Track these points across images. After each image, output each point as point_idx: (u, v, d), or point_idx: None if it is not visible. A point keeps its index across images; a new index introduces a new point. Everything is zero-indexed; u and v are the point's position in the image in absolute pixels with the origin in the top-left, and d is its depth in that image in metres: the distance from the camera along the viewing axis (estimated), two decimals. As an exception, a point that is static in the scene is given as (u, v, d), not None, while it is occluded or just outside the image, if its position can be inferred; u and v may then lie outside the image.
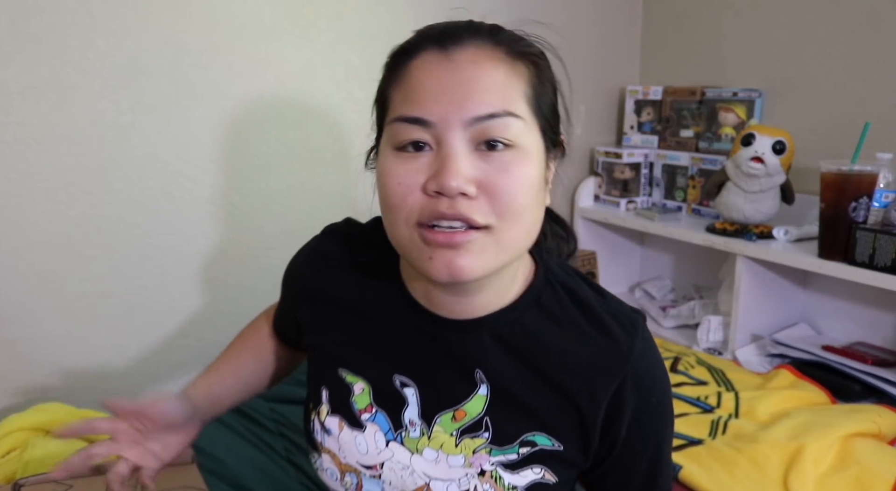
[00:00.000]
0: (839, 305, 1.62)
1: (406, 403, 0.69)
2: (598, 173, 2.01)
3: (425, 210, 0.58)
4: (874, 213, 1.35)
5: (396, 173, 0.60)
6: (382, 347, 0.71)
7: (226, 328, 1.54)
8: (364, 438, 0.71)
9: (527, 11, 1.79)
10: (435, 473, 0.68)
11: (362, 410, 0.71)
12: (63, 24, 1.25)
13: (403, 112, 0.59)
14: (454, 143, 0.57)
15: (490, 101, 0.58)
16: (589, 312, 0.67)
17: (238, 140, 1.47)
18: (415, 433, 0.69)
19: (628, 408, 0.66)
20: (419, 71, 0.60)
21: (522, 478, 0.67)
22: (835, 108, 1.61)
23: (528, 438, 0.67)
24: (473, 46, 0.60)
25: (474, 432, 0.67)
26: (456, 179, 0.56)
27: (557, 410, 0.66)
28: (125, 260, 1.39)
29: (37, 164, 1.27)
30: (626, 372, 0.65)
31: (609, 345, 0.66)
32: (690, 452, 1.20)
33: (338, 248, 0.78)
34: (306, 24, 1.50)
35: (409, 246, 0.61)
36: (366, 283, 0.73)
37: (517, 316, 0.67)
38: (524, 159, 0.60)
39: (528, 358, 0.66)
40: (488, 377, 0.67)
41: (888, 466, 1.12)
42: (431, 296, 0.67)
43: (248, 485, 1.15)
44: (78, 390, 1.38)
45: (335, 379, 0.73)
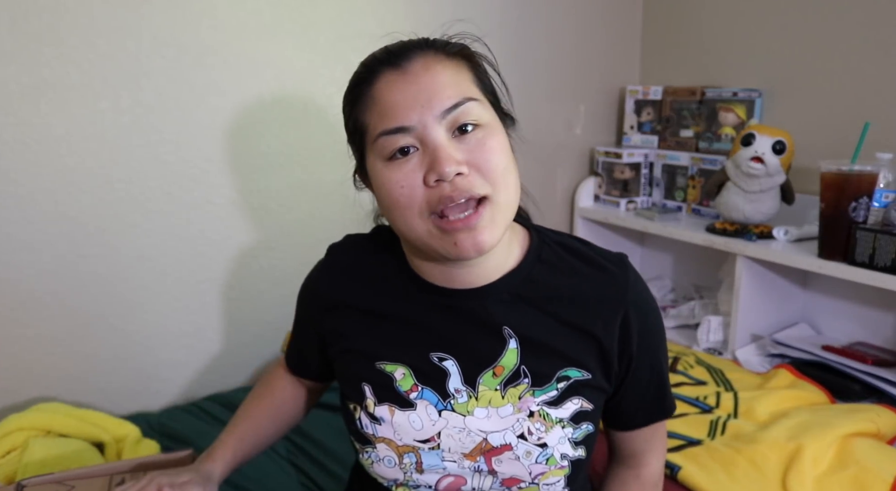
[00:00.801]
0: (839, 305, 1.62)
1: (448, 375, 0.76)
2: (598, 173, 2.01)
3: (433, 200, 0.67)
4: (874, 213, 1.35)
5: (396, 178, 0.68)
6: (411, 333, 0.78)
7: (226, 328, 1.55)
8: (417, 415, 0.76)
9: (526, 12, 1.79)
10: (489, 426, 0.75)
11: (408, 391, 0.77)
12: (63, 24, 1.25)
13: (384, 127, 0.68)
14: (436, 137, 0.67)
15: (451, 94, 0.69)
16: (583, 258, 0.79)
17: (238, 140, 1.47)
18: (462, 399, 0.76)
19: (634, 329, 0.77)
20: (385, 91, 0.70)
21: (565, 410, 0.76)
22: (835, 108, 1.61)
23: (561, 374, 0.76)
24: (419, 57, 0.71)
25: (515, 381, 0.75)
26: (449, 165, 0.66)
27: (580, 344, 0.76)
28: (125, 260, 1.39)
29: (37, 164, 1.27)
30: (627, 299, 0.77)
31: (608, 280, 0.77)
32: (689, 452, 1.20)
33: (346, 258, 0.85)
34: (306, 24, 1.50)
35: (428, 237, 0.69)
36: (380, 282, 0.81)
37: (526, 273, 0.77)
38: (492, 133, 0.70)
39: (544, 306, 0.76)
40: (515, 331, 0.75)
41: (887, 465, 1.11)
42: (446, 274, 0.76)
43: (249, 486, 1.15)
44: (78, 390, 1.39)
45: (374, 372, 0.78)
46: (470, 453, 0.76)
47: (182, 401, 1.51)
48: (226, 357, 1.56)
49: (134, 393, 1.46)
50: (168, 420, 1.38)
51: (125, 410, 1.43)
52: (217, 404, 1.45)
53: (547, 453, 0.75)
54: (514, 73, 0.77)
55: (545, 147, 1.96)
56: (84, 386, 1.39)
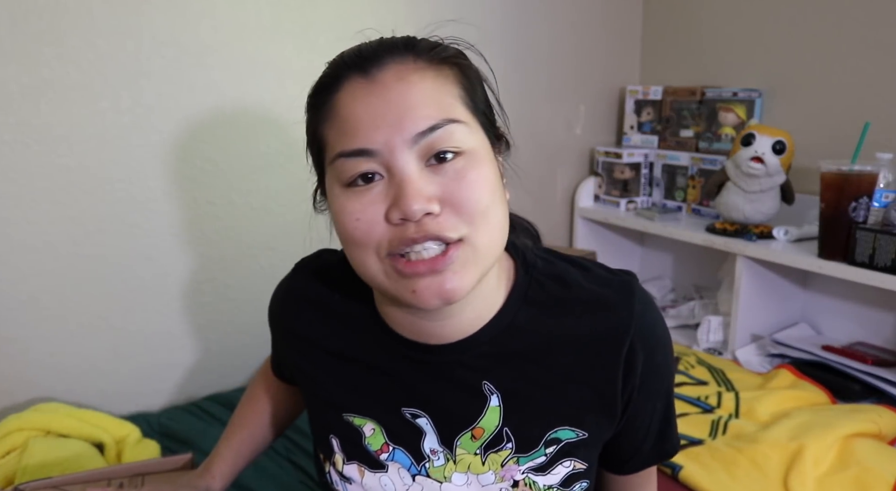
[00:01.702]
0: (839, 305, 1.62)
1: (423, 434, 0.67)
2: (598, 173, 2.01)
3: (394, 240, 0.56)
4: (874, 213, 1.35)
5: (353, 210, 0.57)
6: (381, 384, 0.68)
7: (226, 328, 1.55)
8: (389, 478, 0.68)
9: (526, 12, 1.79)
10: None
11: (378, 450, 0.69)
12: (63, 24, 1.25)
13: (343, 147, 0.57)
14: (404, 166, 0.56)
15: (428, 114, 0.56)
16: (580, 293, 0.65)
17: (238, 140, 1.47)
18: (439, 462, 0.67)
19: (638, 369, 0.65)
20: (347, 102, 0.58)
21: (555, 476, 0.66)
22: (835, 108, 1.61)
23: (551, 436, 0.65)
24: (394, 64, 0.58)
25: (497, 446, 0.65)
26: (417, 202, 0.54)
27: (574, 399, 0.65)
28: (125, 260, 1.39)
29: (37, 164, 1.27)
30: (632, 338, 0.64)
31: (609, 316, 0.64)
32: (691, 452, 1.20)
33: (313, 287, 0.74)
34: (306, 24, 1.50)
35: (384, 280, 0.59)
36: (346, 323, 0.71)
37: (509, 320, 0.65)
38: (475, 162, 0.58)
39: (532, 357, 0.65)
40: (497, 387, 0.65)
41: (888, 466, 1.12)
42: (417, 327, 0.65)
43: (249, 485, 1.15)
44: (78, 390, 1.38)
45: (342, 425, 0.70)
46: None
47: (182, 401, 1.51)
48: (226, 357, 1.56)
49: (134, 393, 1.45)
50: (168, 420, 1.38)
51: (125, 411, 1.43)
52: (217, 404, 1.44)
53: None
54: (514, 74, 0.71)
55: (545, 147, 1.96)
56: (84, 386, 1.39)
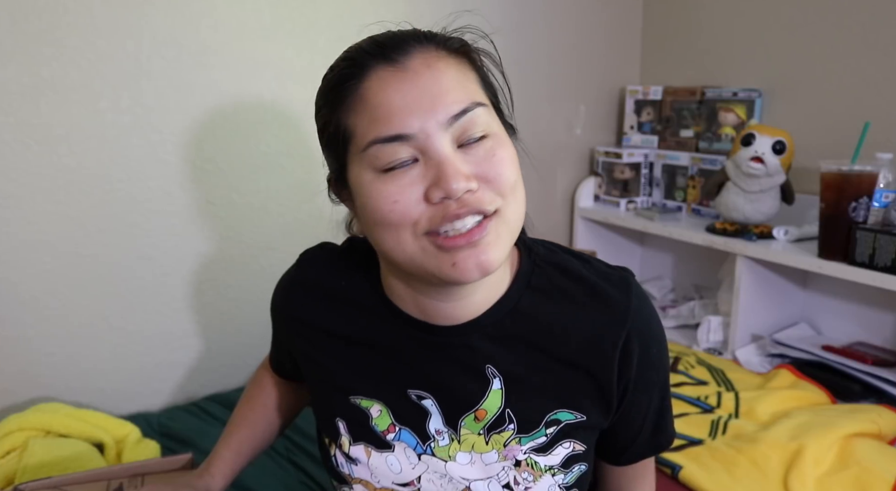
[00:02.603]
0: (839, 305, 1.62)
1: (428, 415, 0.70)
2: (598, 173, 2.01)
3: (434, 218, 0.59)
4: (874, 213, 1.35)
5: (390, 194, 0.59)
6: (388, 366, 0.71)
7: (226, 328, 1.55)
8: (395, 458, 0.71)
9: (526, 12, 1.79)
10: (472, 474, 0.70)
11: (385, 431, 0.71)
12: (63, 24, 1.25)
13: (378, 134, 0.59)
14: (440, 148, 0.59)
15: (457, 98, 0.60)
16: (580, 282, 0.69)
17: (238, 140, 1.47)
18: (444, 442, 0.70)
19: (634, 361, 0.68)
20: (378, 90, 0.60)
21: (556, 456, 0.69)
22: (835, 108, 1.61)
23: (551, 417, 0.68)
24: (419, 52, 0.61)
25: (500, 427, 0.68)
26: (458, 181, 0.57)
27: (573, 383, 0.68)
28: (125, 260, 1.39)
29: (37, 164, 1.27)
30: (628, 331, 0.67)
31: (607, 308, 0.68)
32: (690, 452, 1.20)
33: (318, 275, 0.76)
34: (306, 24, 1.50)
35: (421, 258, 0.61)
36: (354, 307, 0.73)
37: (513, 304, 0.68)
38: (501, 143, 0.62)
39: (533, 341, 0.68)
40: (499, 370, 0.68)
41: (888, 466, 1.12)
42: (425, 307, 0.68)
43: (249, 485, 1.15)
44: (78, 390, 1.38)
45: (349, 408, 0.72)
46: None
47: (182, 401, 1.51)
48: (226, 357, 1.56)
49: (134, 393, 1.45)
50: (168, 420, 1.38)
51: (125, 410, 1.43)
52: (217, 404, 1.44)
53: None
54: (514, 74, 0.73)
55: (545, 147, 1.96)
56: (84, 386, 1.39)
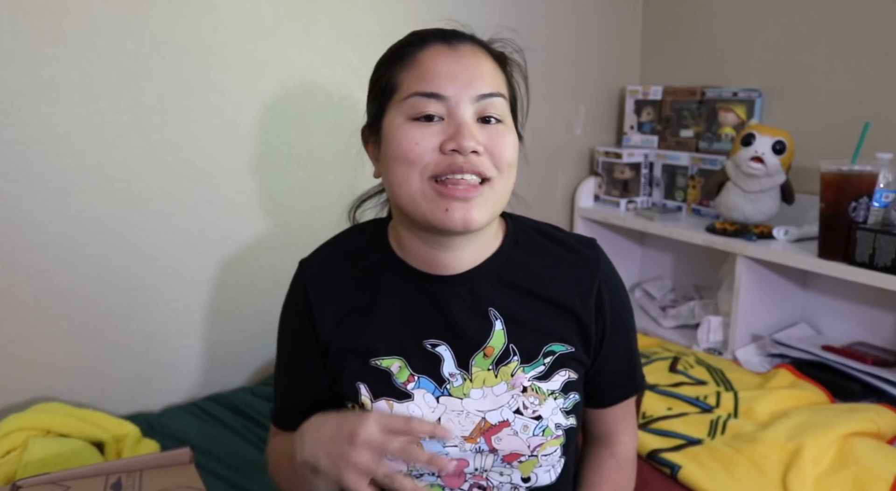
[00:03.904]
0: (839, 305, 1.62)
1: (442, 360, 0.80)
2: (598, 173, 2.01)
3: (441, 165, 0.72)
4: (874, 213, 1.35)
5: (414, 136, 0.73)
6: (404, 323, 0.81)
7: (226, 328, 1.55)
8: (416, 405, 0.79)
9: (526, 12, 1.79)
10: (486, 406, 0.79)
11: (405, 382, 0.80)
12: (63, 24, 1.25)
13: (420, 88, 0.73)
14: (464, 113, 0.73)
15: (489, 83, 0.75)
16: (556, 241, 0.85)
17: (238, 140, 1.47)
18: (458, 382, 0.79)
19: (607, 305, 0.83)
20: (431, 58, 0.75)
21: (555, 382, 0.81)
22: (835, 108, 1.61)
23: (547, 349, 0.80)
24: (469, 44, 0.77)
25: (506, 360, 0.80)
26: (470, 141, 0.71)
27: (560, 320, 0.81)
28: (125, 260, 1.39)
29: (37, 164, 1.27)
30: (599, 278, 0.83)
31: (580, 261, 0.83)
32: (689, 452, 1.20)
33: (325, 266, 0.86)
34: (306, 24, 1.50)
35: (420, 197, 0.73)
36: (366, 278, 0.83)
37: (506, 256, 0.82)
38: (509, 130, 0.77)
39: (525, 287, 0.81)
40: (500, 312, 0.80)
41: (887, 465, 1.12)
42: (430, 259, 0.80)
43: (248, 485, 1.15)
44: (78, 390, 1.38)
45: (369, 370, 0.80)
46: (470, 435, 0.79)
47: (182, 401, 1.51)
48: (226, 357, 1.56)
49: (134, 393, 1.45)
50: (168, 420, 1.38)
51: (125, 410, 1.43)
52: (217, 404, 1.44)
53: (542, 425, 0.79)
54: None
55: (545, 147, 1.96)
56: (84, 386, 1.39)
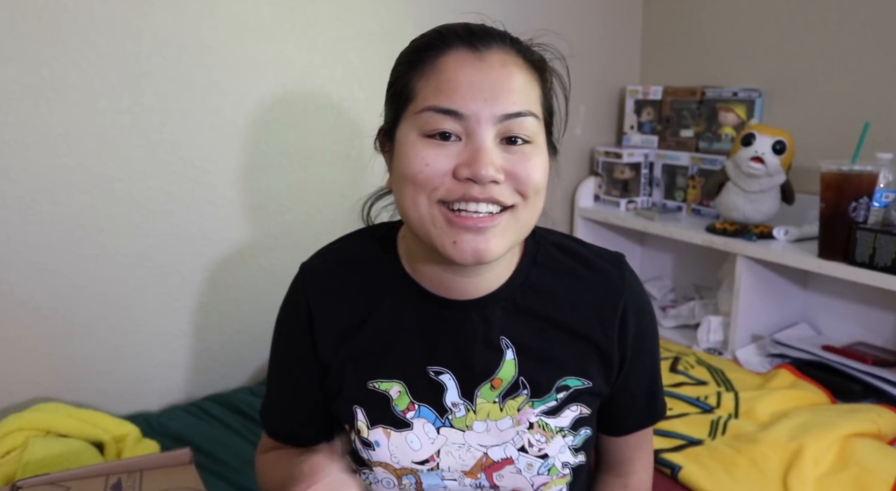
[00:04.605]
0: (839, 304, 1.62)
1: (445, 389, 0.73)
2: (598, 173, 2.01)
3: (454, 192, 0.63)
4: (874, 213, 1.35)
5: (425, 156, 0.64)
6: (407, 345, 0.74)
7: (226, 328, 1.55)
8: (415, 435, 0.73)
9: (527, 10, 1.79)
10: (488, 440, 0.73)
11: (405, 410, 0.73)
12: (63, 24, 1.25)
13: (436, 103, 0.64)
14: (484, 137, 0.63)
15: (516, 101, 0.64)
16: (580, 259, 0.76)
17: (238, 140, 1.47)
18: (461, 413, 0.73)
19: (631, 329, 0.75)
20: (452, 66, 0.64)
21: (564, 418, 0.74)
22: (835, 108, 1.61)
23: (561, 383, 0.73)
24: (500, 50, 0.66)
25: (514, 393, 0.73)
26: (488, 169, 0.62)
27: (579, 351, 0.74)
28: (125, 260, 1.39)
29: (37, 164, 1.27)
30: (625, 301, 0.74)
31: (605, 282, 0.75)
32: (690, 452, 1.20)
33: (328, 276, 0.77)
34: (306, 24, 1.50)
35: (427, 223, 0.65)
36: (370, 292, 0.75)
37: (523, 278, 0.74)
38: (539, 151, 0.67)
39: (541, 313, 0.74)
40: (513, 341, 0.73)
41: (888, 466, 1.12)
42: (442, 281, 0.72)
43: (248, 485, 1.15)
44: (78, 390, 1.38)
45: (367, 394, 0.74)
46: (470, 471, 0.74)
47: (182, 401, 1.51)
48: (226, 357, 1.56)
49: (134, 393, 1.45)
50: (168, 420, 1.38)
51: (125, 410, 1.43)
52: (217, 404, 1.44)
53: (548, 464, 0.74)
54: None
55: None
56: (84, 386, 1.39)
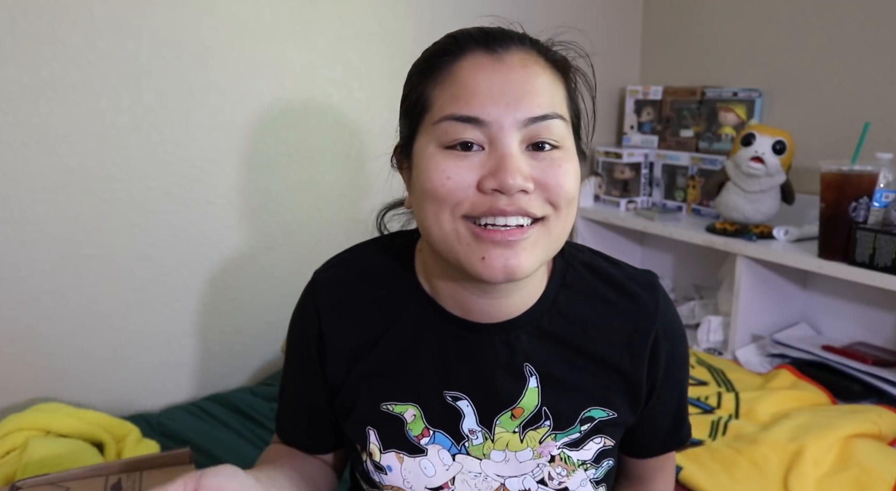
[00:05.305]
0: (839, 304, 1.61)
1: (462, 416, 0.69)
2: (598, 173, 2.01)
3: (480, 206, 0.59)
4: (874, 213, 1.35)
5: (446, 169, 0.59)
6: (425, 368, 0.70)
7: (226, 328, 1.55)
8: (429, 461, 0.70)
9: (527, 11, 1.78)
10: (507, 471, 0.70)
11: (419, 435, 0.70)
12: (63, 24, 1.25)
13: (455, 111, 0.59)
14: (509, 143, 0.59)
15: (541, 103, 0.60)
16: (610, 282, 0.72)
17: (238, 140, 1.47)
18: (478, 440, 0.69)
19: (662, 359, 0.71)
20: (469, 72, 0.60)
21: (588, 451, 0.70)
22: (835, 108, 1.61)
23: (585, 414, 0.70)
24: (519, 51, 0.62)
25: (536, 424, 0.69)
26: (515, 178, 0.57)
27: (605, 380, 0.70)
28: (125, 260, 1.39)
29: (37, 165, 1.27)
30: (657, 328, 0.70)
31: (636, 308, 0.70)
32: (691, 453, 1.20)
33: (343, 292, 0.73)
34: (306, 24, 1.50)
35: (453, 240, 0.60)
36: (385, 310, 0.71)
37: (551, 302, 0.69)
38: (569, 157, 0.62)
39: (568, 340, 0.69)
40: (537, 368, 0.69)
41: (888, 466, 1.11)
42: (464, 303, 0.67)
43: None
44: (78, 390, 1.38)
45: (380, 416, 0.70)
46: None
47: (182, 401, 1.51)
48: (226, 357, 1.56)
49: (134, 393, 1.45)
50: (168, 420, 1.38)
51: (125, 411, 1.43)
52: (217, 404, 1.44)
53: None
54: None
55: (545, 147, 1.96)
56: (84, 386, 1.39)
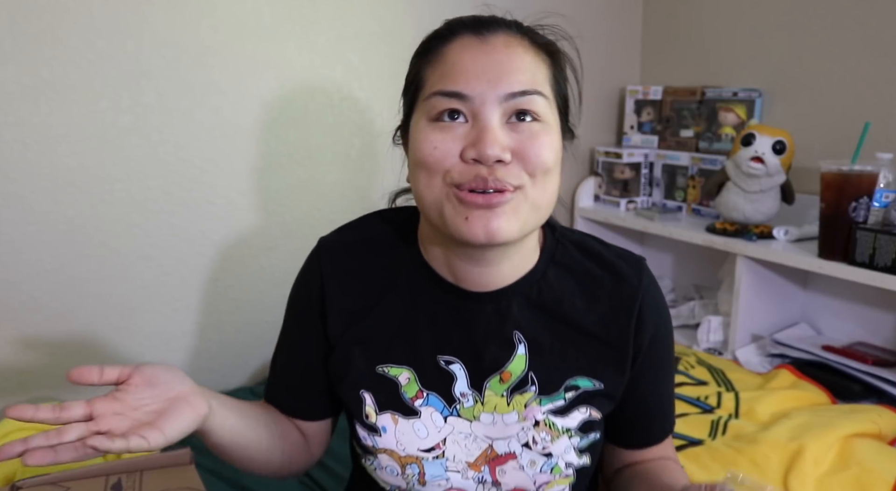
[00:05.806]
0: (839, 305, 1.62)
1: (455, 379, 0.73)
2: (598, 173, 2.01)
3: (464, 174, 0.63)
4: (874, 213, 1.35)
5: (433, 140, 0.65)
6: (419, 333, 0.74)
7: (226, 328, 1.55)
8: (422, 423, 0.74)
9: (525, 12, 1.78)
10: (494, 433, 0.73)
11: (413, 397, 0.74)
12: (63, 24, 1.25)
13: (442, 87, 0.65)
14: (489, 116, 0.64)
15: (521, 80, 0.65)
16: (598, 259, 0.76)
17: (238, 140, 1.47)
18: (468, 403, 0.73)
19: (647, 332, 0.74)
20: (456, 52, 0.66)
21: (572, 419, 0.73)
22: (835, 108, 1.61)
23: (570, 383, 0.73)
24: (504, 34, 0.67)
25: (522, 388, 0.73)
26: (493, 148, 0.62)
27: (592, 352, 0.73)
28: (125, 260, 1.39)
29: (37, 164, 1.27)
30: (641, 302, 0.74)
31: (621, 283, 0.74)
32: (690, 452, 1.20)
33: (345, 254, 0.78)
34: (306, 24, 1.50)
35: (443, 204, 0.65)
36: (385, 276, 0.76)
37: (539, 276, 0.74)
38: (549, 130, 0.66)
39: (556, 311, 0.73)
40: (525, 336, 0.73)
41: (888, 466, 1.11)
42: (458, 271, 0.72)
43: (248, 485, 1.15)
44: (78, 390, 1.38)
45: (376, 378, 0.74)
46: (474, 462, 0.74)
47: (182, 401, 1.51)
48: (226, 357, 1.56)
49: (134, 393, 1.45)
50: (168, 420, 1.38)
51: (125, 411, 1.43)
52: (217, 405, 1.44)
53: (552, 463, 0.73)
54: None
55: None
56: (84, 386, 1.39)
